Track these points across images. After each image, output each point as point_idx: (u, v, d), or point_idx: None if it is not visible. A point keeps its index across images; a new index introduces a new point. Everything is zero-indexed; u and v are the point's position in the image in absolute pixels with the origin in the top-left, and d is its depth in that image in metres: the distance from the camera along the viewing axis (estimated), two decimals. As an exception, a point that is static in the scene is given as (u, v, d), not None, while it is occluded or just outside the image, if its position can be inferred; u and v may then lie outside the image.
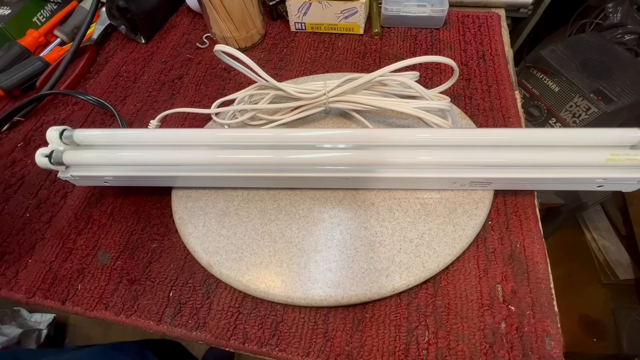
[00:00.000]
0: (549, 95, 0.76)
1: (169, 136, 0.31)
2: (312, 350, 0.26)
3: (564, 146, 0.28)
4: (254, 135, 0.30)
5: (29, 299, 0.30)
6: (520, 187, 0.31)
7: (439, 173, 0.28)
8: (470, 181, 0.29)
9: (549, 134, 0.28)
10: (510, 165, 0.28)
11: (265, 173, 0.29)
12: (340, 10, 0.43)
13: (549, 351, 0.24)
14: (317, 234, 0.30)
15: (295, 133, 0.30)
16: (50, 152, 0.29)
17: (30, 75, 0.45)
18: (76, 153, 0.29)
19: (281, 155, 0.29)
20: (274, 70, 0.43)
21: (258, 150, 0.29)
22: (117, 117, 0.39)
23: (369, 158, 0.28)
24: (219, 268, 0.29)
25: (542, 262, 0.28)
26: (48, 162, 0.29)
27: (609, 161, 0.26)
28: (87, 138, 0.30)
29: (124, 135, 0.31)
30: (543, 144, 0.28)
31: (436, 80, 0.40)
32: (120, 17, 0.47)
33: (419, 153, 0.28)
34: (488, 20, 0.45)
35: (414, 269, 0.27)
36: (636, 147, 0.27)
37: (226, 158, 0.29)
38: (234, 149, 0.30)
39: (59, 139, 0.30)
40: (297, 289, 0.27)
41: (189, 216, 0.32)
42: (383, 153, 0.28)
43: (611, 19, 0.83)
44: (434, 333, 0.26)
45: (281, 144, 0.30)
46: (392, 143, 0.29)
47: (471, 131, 0.30)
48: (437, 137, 0.28)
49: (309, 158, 0.29)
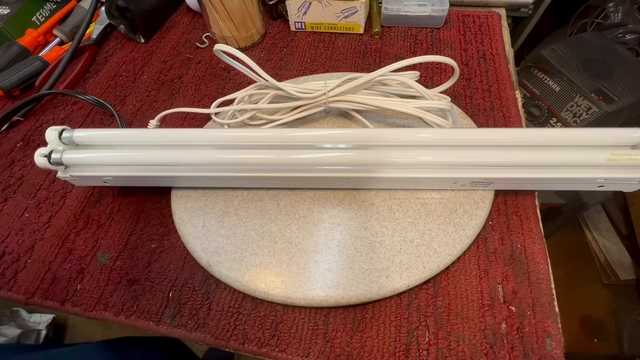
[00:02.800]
0: (550, 95, 0.75)
1: (168, 136, 0.31)
2: (312, 351, 0.26)
3: (564, 146, 0.28)
4: (254, 135, 0.30)
5: (28, 299, 0.30)
6: (521, 187, 0.30)
7: (439, 173, 0.28)
8: (471, 181, 0.29)
9: (549, 134, 0.28)
10: (510, 165, 0.28)
11: (265, 173, 0.29)
12: (340, 10, 0.43)
13: (550, 352, 0.24)
14: (317, 234, 0.30)
15: (295, 133, 0.29)
16: (49, 152, 0.29)
17: (30, 74, 0.45)
18: (75, 153, 0.29)
19: (281, 155, 0.28)
20: (273, 70, 0.43)
21: (258, 150, 0.29)
22: (117, 116, 0.39)
23: (370, 158, 0.28)
24: (219, 268, 0.29)
25: (543, 262, 0.28)
26: (47, 162, 0.29)
27: (610, 161, 0.25)
28: (86, 138, 0.30)
29: (122, 135, 0.31)
30: (543, 144, 0.28)
31: (436, 79, 0.40)
32: (120, 17, 0.47)
33: (419, 153, 0.28)
34: (488, 19, 0.45)
35: (414, 269, 0.27)
36: (637, 147, 0.26)
37: (226, 158, 0.29)
38: (233, 149, 0.30)
39: (58, 139, 0.30)
40: (297, 290, 0.27)
41: (188, 216, 0.31)
42: (383, 153, 0.28)
43: (612, 19, 0.82)
44: (435, 333, 0.26)
45: (281, 144, 0.29)
46: (393, 143, 0.29)
47: (471, 131, 0.30)
48: (438, 137, 0.28)
49: (309, 158, 0.28)
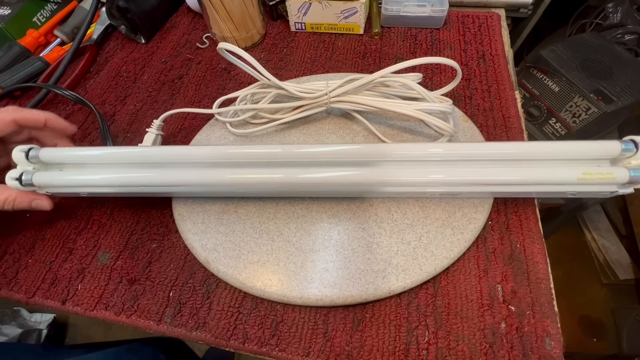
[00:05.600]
0: (549, 95, 0.76)
1: (142, 154, 0.28)
2: (312, 350, 0.26)
3: (542, 160, 0.27)
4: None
5: (29, 299, 0.30)
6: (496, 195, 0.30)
7: (419, 188, 0.28)
8: (445, 193, 0.29)
9: (524, 147, 0.27)
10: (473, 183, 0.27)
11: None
12: (340, 10, 0.43)
13: (549, 351, 0.24)
14: (314, 233, 0.30)
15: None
16: (19, 175, 0.28)
17: (30, 75, 0.45)
18: (46, 175, 0.28)
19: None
20: (274, 70, 0.43)
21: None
22: (97, 114, 0.38)
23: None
24: (217, 265, 0.29)
25: (542, 262, 0.28)
26: (19, 184, 0.28)
27: (581, 180, 0.25)
28: (54, 158, 0.28)
29: (95, 155, 0.29)
30: (510, 158, 0.27)
31: (436, 80, 0.40)
32: (120, 17, 0.47)
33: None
34: (488, 20, 0.45)
35: (410, 272, 0.27)
36: (616, 161, 0.26)
37: (218, 177, 0.27)
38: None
39: (25, 160, 0.28)
40: (293, 288, 0.27)
41: (188, 213, 0.32)
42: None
43: (611, 19, 0.83)
44: (434, 333, 0.26)
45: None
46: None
47: (437, 145, 0.29)
48: (424, 152, 0.27)
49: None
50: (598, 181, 0.25)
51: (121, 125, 0.40)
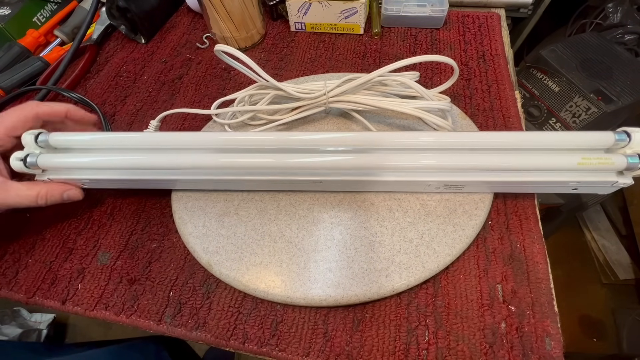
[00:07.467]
0: (549, 95, 0.75)
1: (150, 140, 0.29)
2: (312, 350, 0.26)
3: (536, 149, 0.27)
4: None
5: (29, 298, 0.30)
6: (493, 189, 0.30)
7: (413, 176, 0.28)
8: (444, 184, 0.29)
9: (522, 137, 0.27)
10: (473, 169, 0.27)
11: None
12: (340, 10, 0.43)
13: (549, 351, 0.24)
14: (316, 234, 0.30)
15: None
16: (24, 156, 0.28)
17: (30, 75, 0.45)
18: (52, 157, 0.29)
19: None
20: (273, 70, 0.43)
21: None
22: (100, 114, 0.39)
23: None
24: (219, 268, 0.29)
25: (542, 262, 0.28)
26: (23, 165, 0.28)
27: (581, 165, 0.25)
28: (63, 142, 0.29)
29: (102, 139, 0.30)
30: (514, 147, 0.27)
31: (436, 80, 0.40)
32: (120, 17, 0.47)
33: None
34: (488, 20, 0.45)
35: (413, 269, 0.27)
36: (610, 150, 0.26)
37: (217, 162, 0.28)
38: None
39: (34, 143, 0.29)
40: (296, 289, 0.27)
41: (189, 216, 0.32)
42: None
43: (611, 19, 0.82)
44: (434, 333, 0.26)
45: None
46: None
47: (436, 134, 0.29)
48: (423, 140, 0.28)
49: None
50: (598, 167, 0.25)
51: (121, 125, 0.40)
